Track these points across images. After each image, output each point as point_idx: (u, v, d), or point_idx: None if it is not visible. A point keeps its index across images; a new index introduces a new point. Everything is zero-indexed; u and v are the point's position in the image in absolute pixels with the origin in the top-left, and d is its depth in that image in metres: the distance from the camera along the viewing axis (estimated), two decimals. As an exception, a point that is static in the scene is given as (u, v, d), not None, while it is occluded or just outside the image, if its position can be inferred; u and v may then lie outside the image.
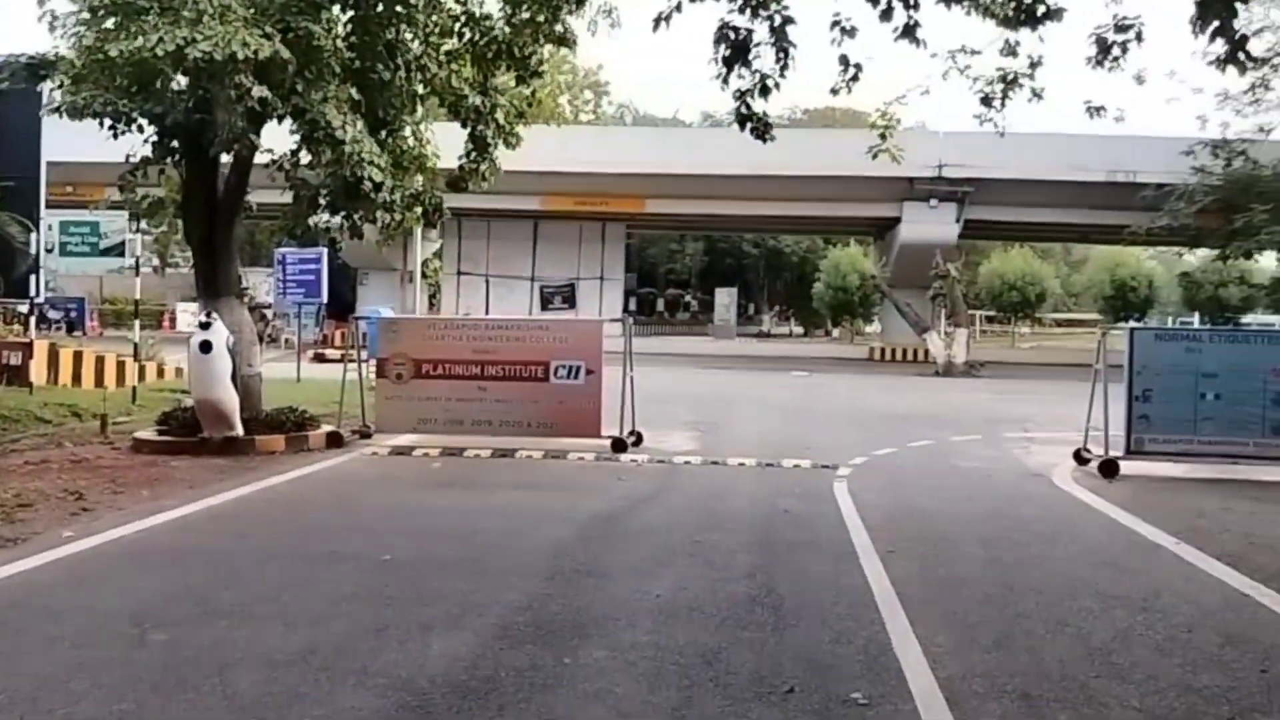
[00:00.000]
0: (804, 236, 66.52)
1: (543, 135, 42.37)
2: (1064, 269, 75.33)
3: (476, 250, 43.93)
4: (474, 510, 9.07)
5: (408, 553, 7.31)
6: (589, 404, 13.20)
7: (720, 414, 18.39)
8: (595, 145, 38.88)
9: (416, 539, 7.80)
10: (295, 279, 21.42)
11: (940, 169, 37.38)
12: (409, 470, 11.30)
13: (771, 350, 45.58)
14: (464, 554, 7.31)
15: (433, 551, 7.39)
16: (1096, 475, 12.03)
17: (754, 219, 43.76)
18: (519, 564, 7.06)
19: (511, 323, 13.75)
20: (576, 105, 60.73)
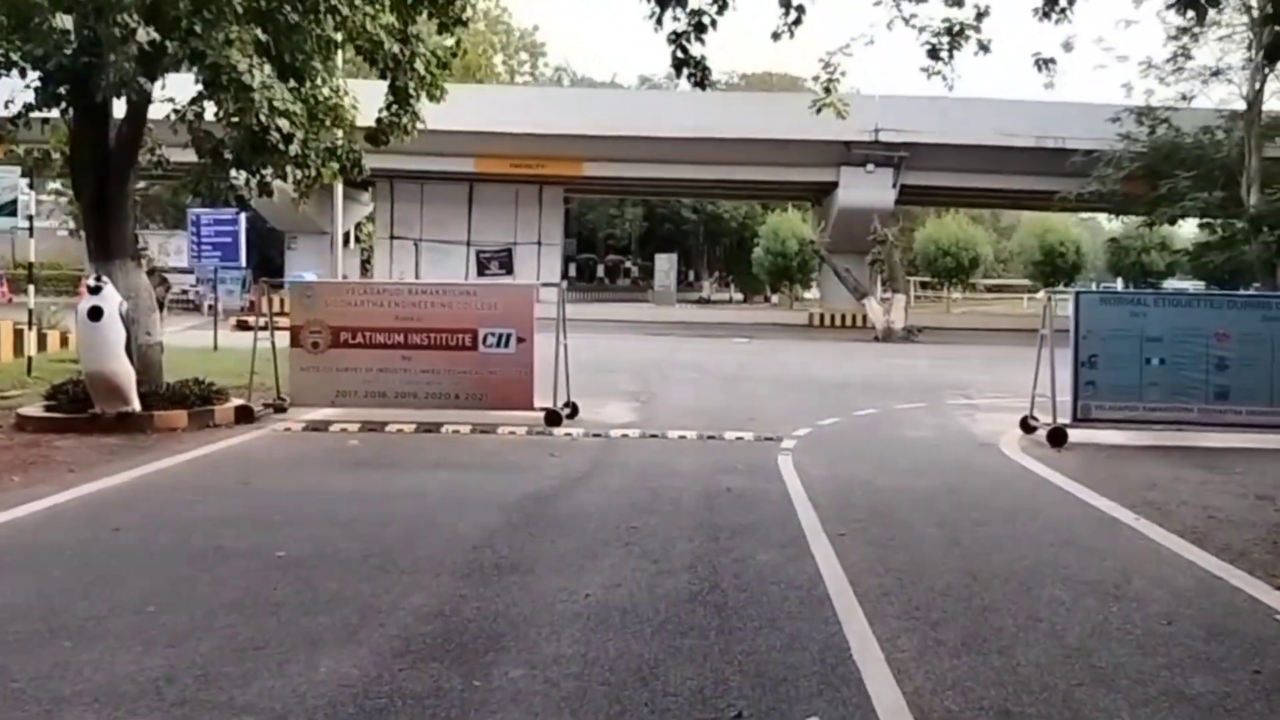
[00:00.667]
0: (743, 202, 65.82)
1: (476, 94, 41.17)
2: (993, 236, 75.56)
3: (410, 214, 42.56)
4: (390, 494, 8.20)
5: (306, 547, 6.45)
6: (520, 374, 12.36)
7: (660, 383, 17.66)
8: (531, 106, 37.66)
9: (319, 530, 6.92)
10: (211, 241, 20.20)
11: (876, 133, 36.81)
12: (322, 449, 10.38)
13: (712, 317, 44.92)
14: (371, 547, 6.46)
15: (335, 545, 6.53)
16: (1044, 444, 11.50)
17: (693, 183, 42.88)
18: (433, 558, 6.23)
19: (437, 287, 12.82)
20: (512, 66, 59.18)
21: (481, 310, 12.42)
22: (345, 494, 8.17)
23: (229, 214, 20.36)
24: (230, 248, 20.20)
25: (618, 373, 19.01)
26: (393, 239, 42.60)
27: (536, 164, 38.25)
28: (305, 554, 6.30)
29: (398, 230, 42.62)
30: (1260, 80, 30.89)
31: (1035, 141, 35.89)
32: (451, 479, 8.83)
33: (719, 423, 12.61)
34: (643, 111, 36.66)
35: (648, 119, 36.12)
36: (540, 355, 12.42)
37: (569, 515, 7.50)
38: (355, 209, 45.82)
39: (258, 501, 7.88)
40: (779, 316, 46.27)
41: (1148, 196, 33.38)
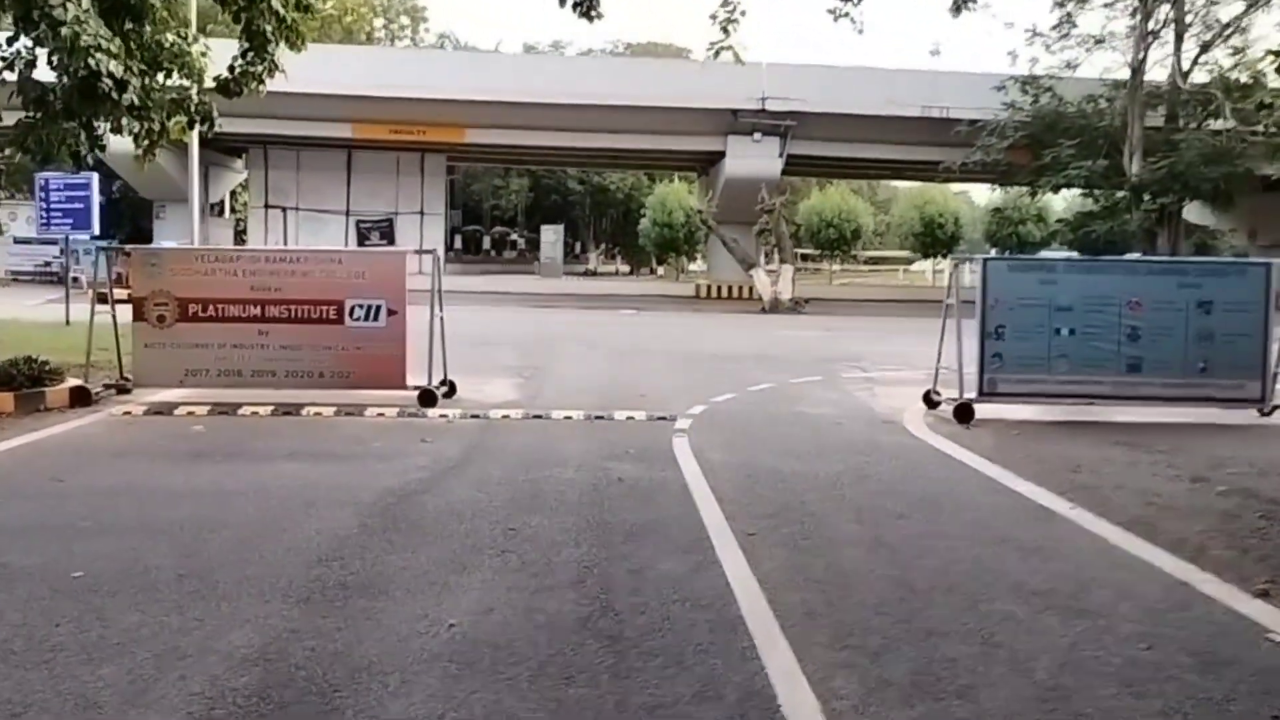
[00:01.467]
0: (629, 173, 64.77)
1: (354, 55, 39.11)
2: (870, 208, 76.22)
3: (285, 181, 40.32)
4: (228, 492, 6.94)
5: (110, 565, 5.21)
6: (391, 350, 11.13)
7: (546, 357, 16.54)
8: (411, 69, 35.79)
9: (132, 542, 5.66)
10: (61, 208, 18.22)
11: (764, 102, 36.11)
12: (161, 436, 9.00)
13: (599, 288, 43.85)
14: (190, 564, 5.25)
15: (147, 562, 5.29)
16: (950, 420, 10.80)
17: (578, 151, 41.60)
18: (264, 578, 5.06)
19: (297, 255, 11.42)
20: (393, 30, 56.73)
21: (348, 280, 11.12)
22: (174, 493, 6.88)
23: (81, 179, 18.37)
24: (82, 215, 18.21)
25: (501, 346, 17.85)
26: (267, 208, 40.33)
27: (417, 130, 36.48)
28: (107, 574, 5.06)
29: (273, 199, 40.35)
30: (1144, 49, 31.11)
31: (921, 111, 35.67)
32: (304, 472, 7.60)
33: (608, 401, 11.60)
34: (526, 77, 35.17)
35: (531, 85, 34.68)
36: (415, 329, 11.21)
37: (437, 516, 6.38)
38: (228, 176, 43.33)
39: (67, 504, 6.54)
40: (666, 288, 45.50)
41: (1031, 166, 33.46)
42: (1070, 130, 32.58)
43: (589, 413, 10.57)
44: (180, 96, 11.31)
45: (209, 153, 40.14)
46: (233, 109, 34.38)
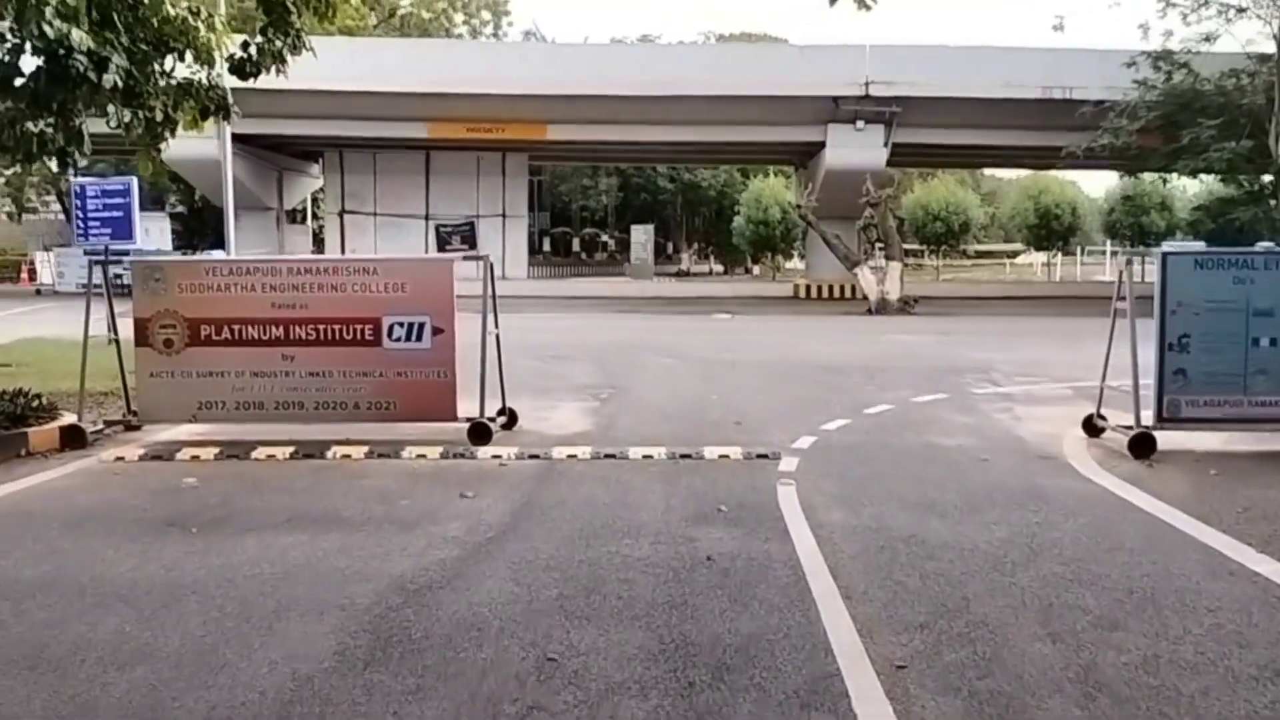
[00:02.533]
0: (722, 169, 62.88)
1: (426, 51, 37.97)
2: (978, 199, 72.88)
3: (362, 186, 39.42)
4: (179, 589, 5.26)
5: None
6: (439, 375, 9.48)
7: (628, 372, 14.79)
8: (487, 62, 34.40)
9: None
10: (98, 216, 17.13)
11: (867, 87, 33.87)
12: (142, 493, 7.44)
13: (691, 290, 42.08)
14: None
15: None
16: (1125, 454, 8.73)
17: (667, 146, 39.79)
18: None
19: (327, 264, 9.84)
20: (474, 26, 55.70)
21: (385, 293, 9.50)
22: (106, 592, 5.23)
23: (119, 184, 17.27)
24: (122, 223, 17.08)
25: (578, 360, 16.17)
26: (344, 214, 39.45)
27: (495, 128, 35.13)
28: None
29: (350, 204, 39.47)
30: (1292, 17, 28.13)
31: (1041, 92, 33.05)
32: (294, 551, 5.92)
33: (696, 430, 9.80)
34: (610, 69, 33.51)
35: (616, 77, 33.03)
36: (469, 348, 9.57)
37: (450, 632, 4.62)
38: (303, 182, 42.73)
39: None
40: (762, 289, 43.53)
41: (1165, 149, 30.60)
42: (1209, 110, 29.66)
43: (672, 450, 8.75)
44: (186, 81, 9.83)
45: (283, 158, 39.58)
46: (305, 110, 33.71)
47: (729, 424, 10.29)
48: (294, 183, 41.59)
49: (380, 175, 39.19)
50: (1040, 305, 33.08)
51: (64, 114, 8.48)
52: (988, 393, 12.79)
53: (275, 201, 39.08)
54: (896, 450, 9.04)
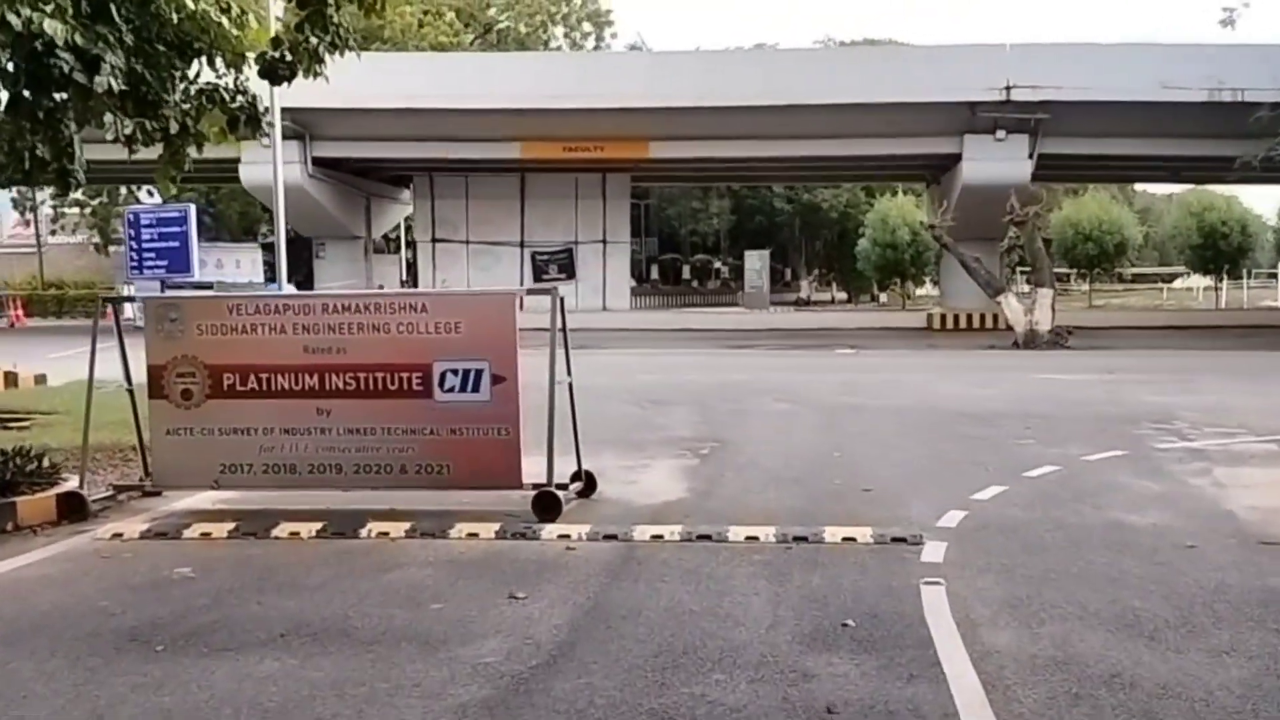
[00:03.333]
0: (844, 187, 61.10)
1: (518, 65, 37.40)
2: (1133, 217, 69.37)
3: (454, 212, 38.99)
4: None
5: None
6: (500, 432, 8.32)
7: (736, 421, 13.48)
8: (585, 75, 33.58)
9: None
10: (153, 247, 16.61)
11: (1008, 91, 31.95)
12: (123, 588, 6.39)
13: (811, 321, 40.51)
14: None
15: None
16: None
17: (783, 163, 38.37)
18: None
19: (369, 301, 8.77)
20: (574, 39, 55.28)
21: (436, 334, 8.39)
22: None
23: (175, 211, 16.77)
24: (178, 254, 16.54)
25: (678, 405, 14.93)
26: (435, 242, 39.07)
27: (594, 146, 34.26)
28: None
29: (441, 232, 39.09)
30: None
31: (1207, 95, 30.67)
32: (276, 683, 4.73)
33: (815, 498, 8.46)
34: (719, 78, 32.29)
35: (724, 87, 31.83)
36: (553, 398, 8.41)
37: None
38: (393, 209, 42.60)
39: None
40: (890, 319, 41.69)
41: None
42: None
43: (783, 530, 7.37)
44: (209, 86, 8.93)
45: (371, 183, 39.47)
46: (393, 132, 33.30)
47: (855, 491, 8.88)
48: (383, 210, 41.46)
49: (473, 200, 38.72)
50: (1212, 337, 30.61)
51: (50, 124, 7.60)
52: (1175, 449, 11.09)
53: (363, 230, 38.93)
54: (1073, 532, 7.49)
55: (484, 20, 53.26)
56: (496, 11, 54.71)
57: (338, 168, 35.55)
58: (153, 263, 16.67)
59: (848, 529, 7.32)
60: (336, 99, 32.80)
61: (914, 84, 31.60)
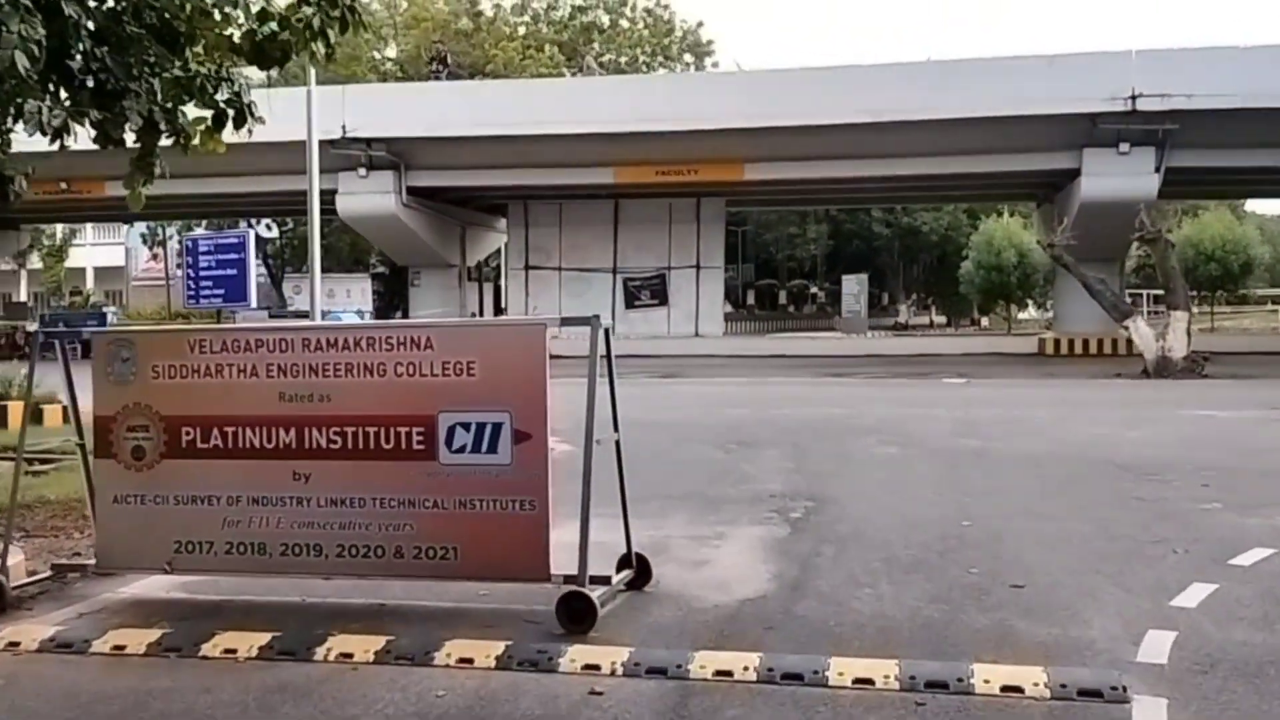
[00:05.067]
0: (945, 210, 57.89)
1: (610, 89, 35.37)
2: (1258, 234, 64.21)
3: (546, 239, 37.10)
4: None
5: None
6: (522, 506, 6.04)
7: (835, 469, 11.00)
8: (677, 97, 31.32)
9: None
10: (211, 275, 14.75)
11: (1133, 100, 28.75)
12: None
13: (911, 347, 37.58)
14: None
15: None
16: None
17: (883, 183, 35.53)
18: None
19: (358, 334, 6.57)
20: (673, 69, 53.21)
21: (443, 377, 6.15)
22: None
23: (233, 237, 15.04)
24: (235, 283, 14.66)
25: (768, 448, 12.51)
26: (528, 269, 37.19)
27: (688, 169, 32.01)
28: None
29: (534, 259, 37.20)
30: None
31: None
32: None
33: (948, 603, 5.96)
34: (815, 95, 29.70)
35: (821, 104, 29.30)
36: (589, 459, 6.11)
37: None
38: (489, 237, 40.97)
39: None
40: (996, 344, 38.46)
41: None
42: None
43: (909, 669, 4.87)
44: (185, 74, 6.87)
45: (467, 212, 37.88)
46: (486, 160, 31.15)
47: (1001, 587, 6.36)
48: (479, 238, 39.80)
49: (566, 226, 36.79)
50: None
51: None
52: None
53: (458, 258, 37.26)
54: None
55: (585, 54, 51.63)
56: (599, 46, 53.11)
57: (433, 197, 33.99)
58: (210, 291, 14.90)
59: (1007, 668, 4.81)
60: (431, 128, 31.55)
61: (1028, 96, 28.66)
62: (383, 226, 33.40)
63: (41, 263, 50.28)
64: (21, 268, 49.73)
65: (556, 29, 51.58)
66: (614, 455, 6.56)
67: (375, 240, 37.08)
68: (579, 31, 51.72)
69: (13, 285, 51.91)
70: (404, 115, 30.52)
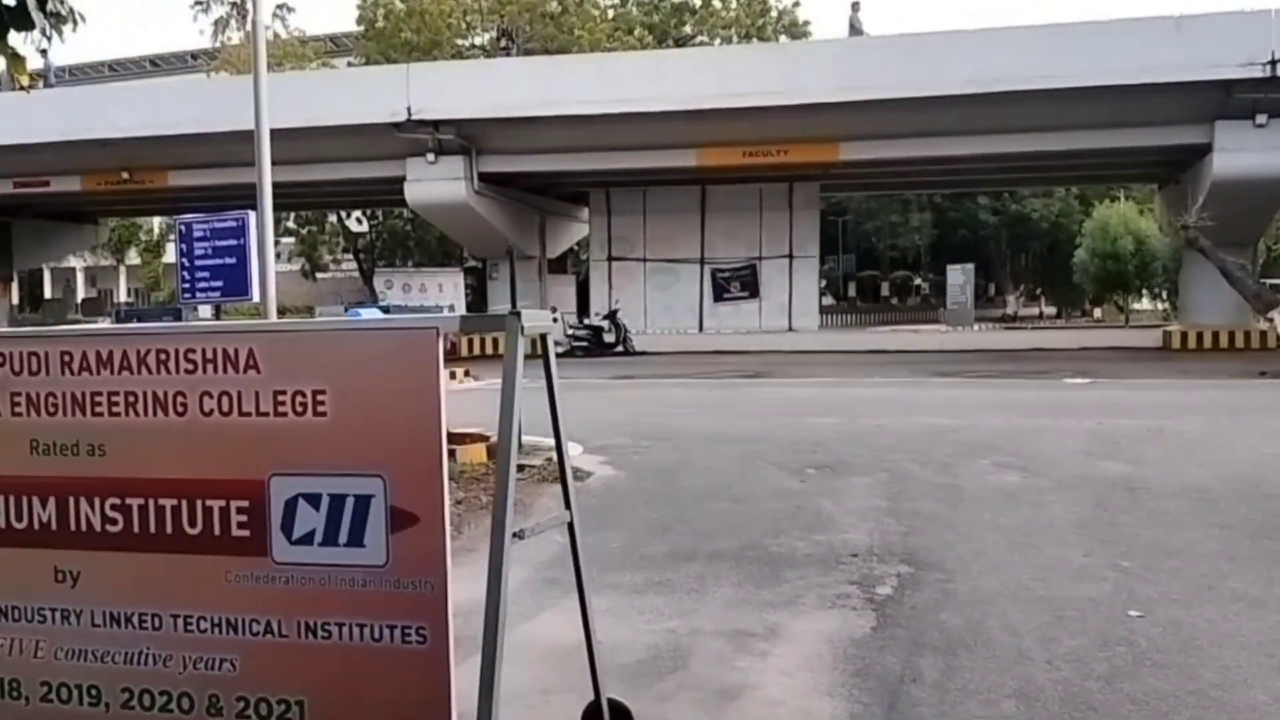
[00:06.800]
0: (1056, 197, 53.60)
1: (692, 61, 32.43)
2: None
3: (630, 228, 34.46)
4: None
5: None
6: (404, 637, 3.39)
7: (939, 514, 8.12)
8: (764, 70, 28.10)
9: None
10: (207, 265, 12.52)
11: (1273, 65, 24.83)
12: None
13: (1022, 341, 33.96)
14: None
15: None
16: None
17: (990, 163, 31.84)
18: None
19: (147, 342, 4.01)
20: (764, 52, 50.03)
21: (277, 418, 3.55)
22: None
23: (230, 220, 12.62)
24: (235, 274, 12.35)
25: (856, 475, 9.68)
26: (611, 260, 34.63)
27: (777, 150, 28.94)
28: None
29: (617, 249, 34.61)
30: None
31: None
32: None
33: None
34: (917, 64, 26.33)
35: (924, 74, 26.02)
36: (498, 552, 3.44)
37: None
38: (571, 228, 38.50)
39: None
40: (1114, 337, 34.61)
41: None
42: None
43: None
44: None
45: (547, 201, 35.46)
46: (562, 143, 27.99)
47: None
48: (559, 229, 37.26)
49: (650, 215, 34.07)
50: None
51: None
52: None
53: (537, 249, 34.81)
54: None
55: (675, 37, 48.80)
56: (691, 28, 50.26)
57: (507, 184, 31.55)
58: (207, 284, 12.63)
59: None
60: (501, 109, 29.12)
61: (1151, 62, 24.95)
62: (454, 215, 31.05)
63: (140, 258, 49.65)
64: (120, 263, 49.13)
65: (646, 10, 48.84)
66: (571, 539, 3.87)
67: (448, 230, 34.88)
68: (669, 13, 48.86)
69: (112, 281, 51.47)
70: (473, 95, 28.07)
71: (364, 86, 29.00)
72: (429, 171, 28.95)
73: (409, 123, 27.24)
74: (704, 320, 33.79)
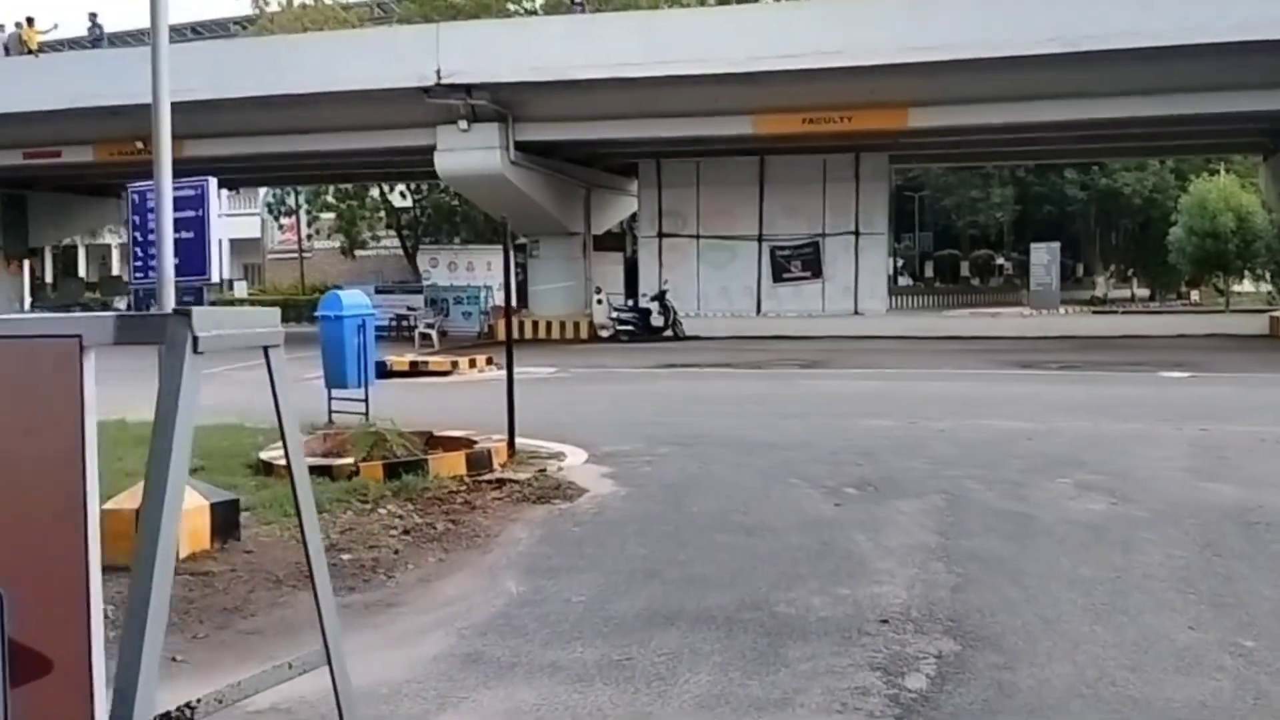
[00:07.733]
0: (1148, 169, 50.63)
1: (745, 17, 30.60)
2: None
3: (683, 203, 32.82)
4: None
5: None
6: None
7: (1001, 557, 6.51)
8: (823, 26, 26.10)
9: None
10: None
11: (1407, 17, 22.41)
12: None
13: (1112, 326, 31.75)
14: None
15: None
16: None
17: (1075, 130, 29.48)
18: None
19: None
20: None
21: None
22: None
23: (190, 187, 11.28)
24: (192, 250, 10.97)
25: (904, 498, 8.10)
26: (661, 237, 33.06)
27: (840, 117, 27.05)
28: None
29: (668, 225, 33.01)
30: None
31: None
32: None
33: None
34: (994, 20, 24.21)
35: (1002, 30, 23.94)
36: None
37: None
38: (619, 201, 36.94)
39: None
40: (1216, 323, 32.17)
41: None
42: None
43: None
44: None
45: (592, 172, 33.91)
46: (606, 109, 26.10)
47: None
48: (606, 202, 35.71)
49: (704, 188, 32.40)
50: None
51: None
52: None
53: (581, 225, 33.33)
54: None
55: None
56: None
57: (548, 154, 30.06)
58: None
59: None
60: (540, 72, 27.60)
61: (1257, 16, 22.63)
62: (489, 188, 29.47)
63: (177, 235, 49.22)
64: (159, 240, 48.85)
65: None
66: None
67: (483, 204, 33.40)
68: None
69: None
70: (509, 56, 26.50)
71: (390, 48, 27.61)
72: (461, 140, 27.55)
73: (439, 87, 25.81)
74: (762, 302, 32.09)
